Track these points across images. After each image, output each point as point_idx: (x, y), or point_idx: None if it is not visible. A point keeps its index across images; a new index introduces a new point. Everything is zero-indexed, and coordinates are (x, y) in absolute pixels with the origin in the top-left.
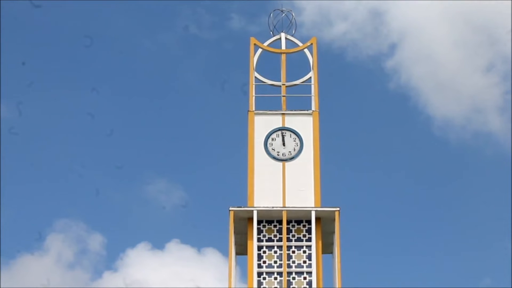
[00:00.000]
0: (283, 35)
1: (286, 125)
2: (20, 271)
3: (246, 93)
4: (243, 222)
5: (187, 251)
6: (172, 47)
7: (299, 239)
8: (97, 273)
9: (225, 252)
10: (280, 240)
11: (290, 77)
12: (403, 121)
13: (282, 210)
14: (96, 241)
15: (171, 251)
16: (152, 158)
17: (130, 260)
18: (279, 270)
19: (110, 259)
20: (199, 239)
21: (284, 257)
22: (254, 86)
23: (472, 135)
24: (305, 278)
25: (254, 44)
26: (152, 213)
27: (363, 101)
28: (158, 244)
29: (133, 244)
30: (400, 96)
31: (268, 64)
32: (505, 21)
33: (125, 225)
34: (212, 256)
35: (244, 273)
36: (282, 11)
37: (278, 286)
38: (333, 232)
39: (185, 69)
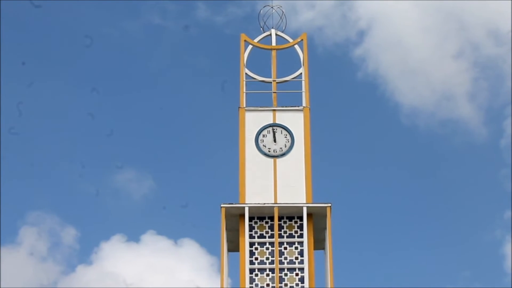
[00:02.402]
0: (273, 31)
1: (277, 122)
2: None
3: (224, 90)
4: (234, 218)
5: (163, 243)
6: (172, 46)
7: (291, 235)
8: (70, 267)
9: (202, 243)
10: (272, 236)
11: (280, 73)
12: (384, 113)
13: (274, 206)
14: (69, 235)
15: (146, 243)
16: (142, 155)
17: (105, 253)
18: (271, 266)
19: (84, 252)
20: (175, 230)
21: (276, 253)
22: (244, 82)
23: (442, 122)
24: (297, 275)
25: (245, 40)
26: (128, 205)
27: (349, 95)
28: (133, 236)
29: (107, 237)
30: (369, 84)
31: (259, 60)
32: (474, 6)
33: (99, 217)
34: (189, 248)
35: (236, 270)
36: (272, 7)
37: (270, 283)
38: (325, 228)
39: (182, 67)
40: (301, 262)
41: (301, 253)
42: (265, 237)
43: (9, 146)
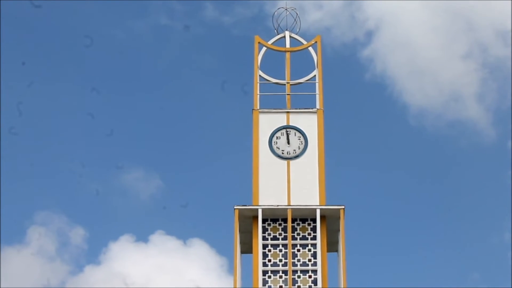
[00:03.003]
0: (287, 33)
1: (291, 124)
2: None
3: (247, 93)
4: (248, 220)
5: (172, 243)
6: (173, 46)
7: (304, 238)
8: (79, 267)
9: (212, 244)
10: (285, 238)
11: (294, 75)
12: (392, 114)
13: (287, 208)
14: (77, 235)
15: (155, 243)
16: (155, 156)
17: (113, 254)
18: (284, 268)
19: (93, 253)
20: (184, 230)
21: (289, 255)
22: (258, 84)
23: (449, 123)
24: (310, 277)
25: (259, 42)
26: (136, 205)
27: (358, 96)
28: (142, 236)
29: (115, 237)
30: (377, 85)
31: (273, 62)
32: (483, 7)
33: (108, 217)
34: (198, 248)
35: (248, 272)
36: (286, 9)
37: (283, 285)
38: (338, 230)
39: (188, 67)
40: (314, 264)
41: (314, 255)
42: (278, 239)
43: (9, 146)
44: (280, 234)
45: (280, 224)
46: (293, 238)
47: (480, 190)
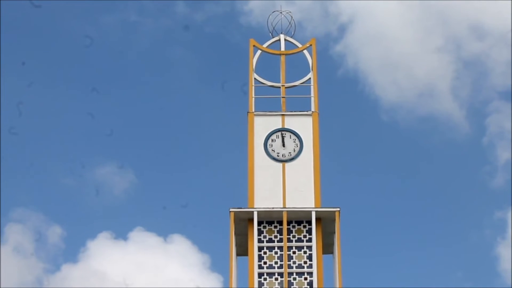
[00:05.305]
0: (282, 36)
1: (286, 126)
2: None
3: (246, 93)
4: (243, 223)
5: (152, 239)
6: (168, 44)
7: (299, 240)
8: (56, 265)
9: (193, 240)
10: (280, 240)
11: (289, 78)
12: (366, 110)
13: (283, 210)
14: (55, 233)
15: (134, 240)
16: (151, 158)
17: (91, 252)
18: (280, 270)
19: (71, 250)
20: (164, 226)
21: (285, 257)
22: (253, 87)
23: (424, 117)
24: (306, 279)
25: (254, 45)
26: (115, 202)
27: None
28: (121, 233)
29: (93, 235)
30: (350, 80)
31: (268, 65)
32: (457, 1)
33: (86, 215)
34: (178, 244)
35: (244, 275)
36: (281, 12)
37: (279, 287)
38: (334, 233)
39: (182, 68)
40: (310, 266)
41: (309, 258)
42: (274, 242)
43: (9, 146)
44: (275, 237)
45: (275, 227)
46: (289, 240)
47: (456, 187)
